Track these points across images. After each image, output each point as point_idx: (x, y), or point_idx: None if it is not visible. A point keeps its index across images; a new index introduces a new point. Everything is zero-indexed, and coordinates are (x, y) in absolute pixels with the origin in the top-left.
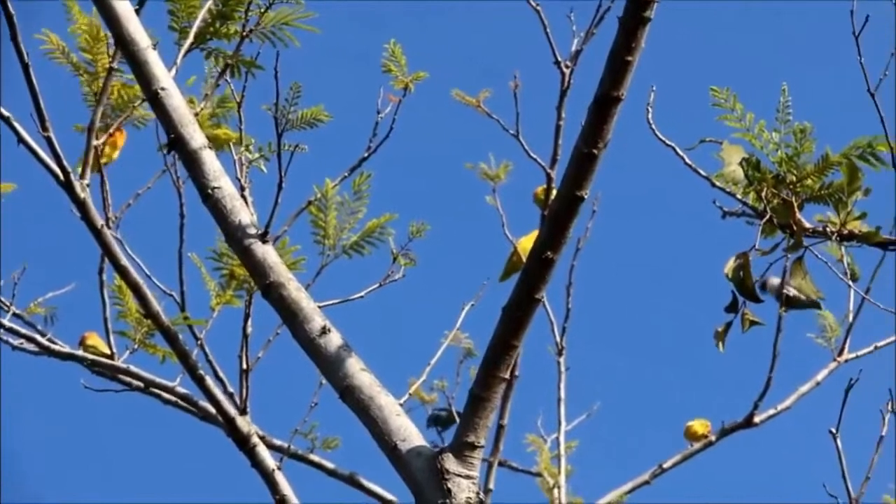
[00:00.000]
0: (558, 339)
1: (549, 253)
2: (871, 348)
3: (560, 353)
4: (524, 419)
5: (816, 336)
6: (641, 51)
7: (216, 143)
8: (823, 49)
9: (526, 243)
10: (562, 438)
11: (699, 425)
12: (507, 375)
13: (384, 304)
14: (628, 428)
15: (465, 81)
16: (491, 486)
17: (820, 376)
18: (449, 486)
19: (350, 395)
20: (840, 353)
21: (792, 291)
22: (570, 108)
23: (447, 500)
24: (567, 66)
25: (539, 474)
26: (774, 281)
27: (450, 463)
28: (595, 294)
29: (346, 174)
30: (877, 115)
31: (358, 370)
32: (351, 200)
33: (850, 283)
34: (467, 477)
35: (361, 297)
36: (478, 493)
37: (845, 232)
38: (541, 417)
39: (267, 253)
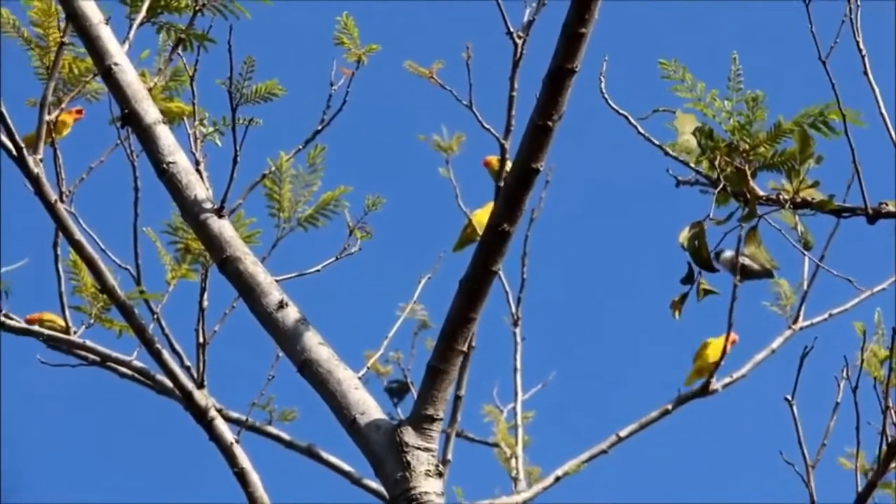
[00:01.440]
0: (514, 309)
1: (505, 225)
2: (826, 316)
3: (516, 324)
4: (480, 390)
5: (771, 304)
6: (595, 22)
7: (169, 117)
8: (775, 17)
9: (480, 215)
10: (518, 408)
11: (713, 350)
12: (464, 348)
13: (341, 277)
14: (585, 397)
15: (418, 53)
16: (449, 457)
17: (775, 344)
18: (408, 458)
19: (308, 369)
20: (795, 321)
21: (746, 261)
22: (524, 78)
23: (406, 473)
24: (519, 37)
25: (496, 445)
26: (728, 254)
27: (409, 436)
28: (550, 264)
29: (301, 147)
30: (828, 83)
31: (316, 344)
32: (306, 173)
33: (804, 251)
34: (426, 450)
35: (318, 270)
36: (437, 466)
37: (798, 200)
38: (497, 388)
39: (223, 227)
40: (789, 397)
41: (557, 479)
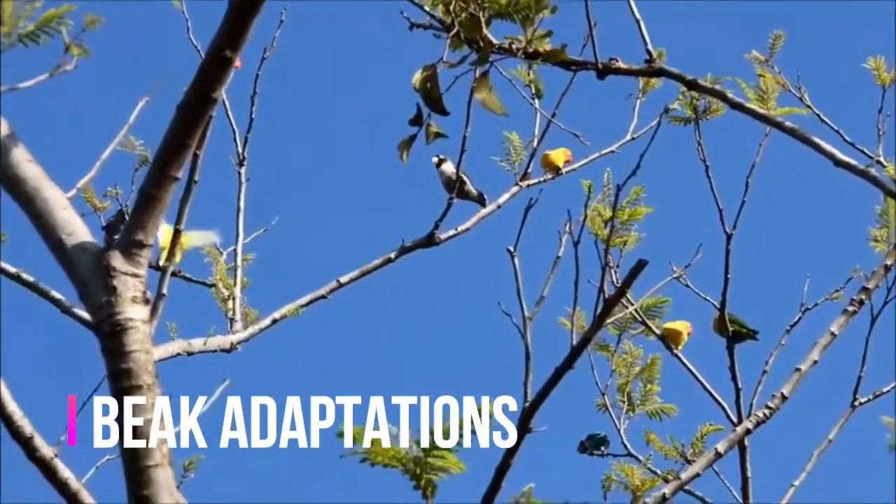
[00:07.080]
0: (240, 149)
1: (227, 52)
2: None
3: (241, 164)
4: (201, 227)
5: (501, 160)
6: None
7: None
8: None
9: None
10: (239, 250)
11: (558, 155)
12: (179, 175)
13: (60, 95)
14: (309, 243)
15: None
16: (164, 291)
17: (501, 200)
18: (114, 283)
19: (14, 186)
20: (523, 178)
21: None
22: None
23: (112, 298)
24: None
25: (213, 285)
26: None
27: (116, 260)
28: (280, 105)
29: None
30: None
31: (24, 161)
32: None
33: (534, 98)
34: (134, 275)
35: (30, 86)
36: (144, 293)
37: (531, 50)
38: (219, 228)
39: None
40: (511, 248)
41: (274, 321)
